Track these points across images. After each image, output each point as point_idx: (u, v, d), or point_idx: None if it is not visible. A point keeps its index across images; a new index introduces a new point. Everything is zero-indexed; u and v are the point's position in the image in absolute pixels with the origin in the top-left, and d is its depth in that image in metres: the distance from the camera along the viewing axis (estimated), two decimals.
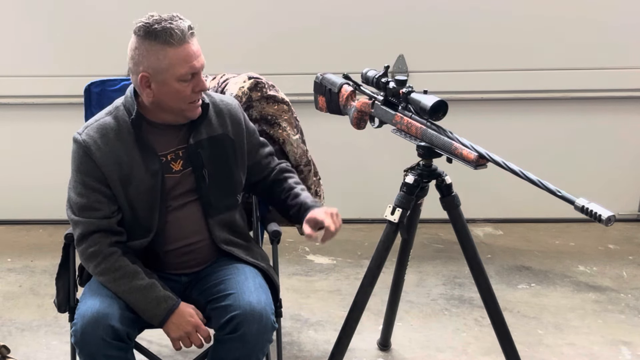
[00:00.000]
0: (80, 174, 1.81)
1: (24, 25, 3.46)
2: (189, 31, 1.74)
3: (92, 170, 1.80)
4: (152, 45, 1.72)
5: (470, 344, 2.60)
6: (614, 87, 3.52)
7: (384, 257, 2.06)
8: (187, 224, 1.89)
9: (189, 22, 1.75)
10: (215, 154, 1.89)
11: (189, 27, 1.74)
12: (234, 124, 1.93)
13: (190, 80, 1.76)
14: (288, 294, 2.91)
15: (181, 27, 1.72)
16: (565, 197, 1.60)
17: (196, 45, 1.76)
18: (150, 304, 1.77)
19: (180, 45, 1.72)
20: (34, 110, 3.58)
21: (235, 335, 1.74)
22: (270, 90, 2.23)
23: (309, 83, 2.29)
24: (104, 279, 1.80)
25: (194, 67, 1.75)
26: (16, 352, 2.43)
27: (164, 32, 1.71)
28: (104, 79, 2.29)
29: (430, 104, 1.82)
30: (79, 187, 1.81)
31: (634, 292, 2.99)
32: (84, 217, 1.81)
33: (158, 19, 1.74)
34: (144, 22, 1.75)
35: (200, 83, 1.78)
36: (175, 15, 1.76)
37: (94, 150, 1.80)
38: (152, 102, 1.79)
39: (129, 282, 1.78)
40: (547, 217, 3.68)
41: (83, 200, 1.80)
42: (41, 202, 3.69)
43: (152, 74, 1.74)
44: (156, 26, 1.72)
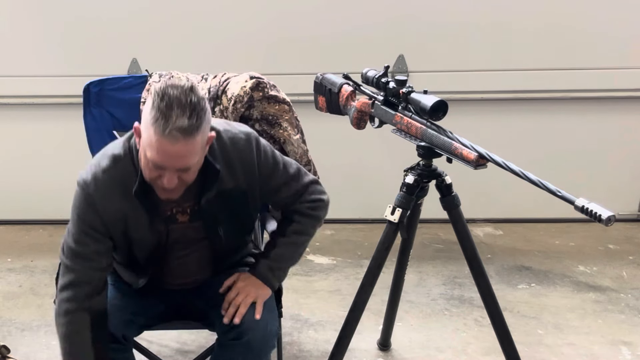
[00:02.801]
0: (81, 222, 1.71)
1: (24, 25, 3.46)
2: (182, 133, 1.51)
3: (96, 222, 1.70)
4: (152, 109, 1.53)
5: (470, 344, 2.60)
6: (614, 87, 3.51)
7: (384, 257, 2.06)
8: (190, 266, 1.87)
9: (192, 121, 1.52)
10: (226, 206, 1.77)
11: (185, 129, 1.51)
12: (247, 173, 1.76)
13: (159, 169, 1.58)
14: (288, 294, 2.90)
15: (178, 124, 1.50)
16: (565, 197, 1.60)
17: (184, 145, 1.53)
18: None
19: (163, 136, 1.51)
20: (33, 110, 3.58)
21: (239, 342, 1.75)
22: (271, 91, 2.23)
23: (309, 83, 2.29)
24: (59, 337, 1.75)
25: (162, 162, 1.56)
26: (16, 352, 2.43)
27: (160, 112, 1.51)
28: (102, 78, 2.29)
29: (430, 104, 1.82)
30: (78, 235, 1.71)
31: (634, 292, 2.99)
32: (77, 266, 1.71)
33: (170, 95, 1.52)
34: (162, 87, 1.54)
35: (166, 181, 1.58)
36: (189, 98, 1.52)
37: (99, 205, 1.69)
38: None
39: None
40: (547, 217, 3.68)
41: (80, 249, 1.71)
42: (41, 202, 3.69)
43: (141, 129, 1.58)
44: (166, 101, 1.52)
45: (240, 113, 2.21)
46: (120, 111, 2.29)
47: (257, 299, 1.80)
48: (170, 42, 3.42)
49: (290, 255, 1.89)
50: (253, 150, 1.76)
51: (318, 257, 3.33)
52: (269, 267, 1.85)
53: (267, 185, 1.81)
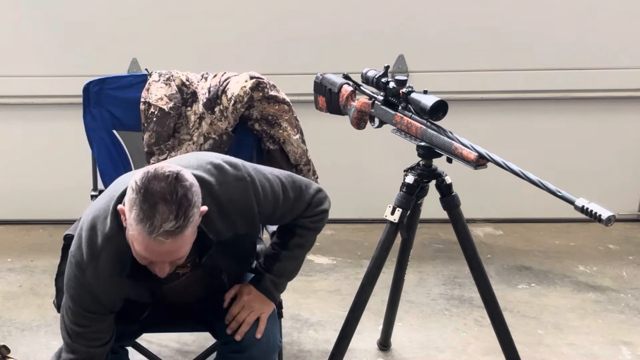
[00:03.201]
0: (78, 307, 1.64)
1: (24, 25, 3.46)
2: (166, 235, 1.42)
3: (95, 307, 1.64)
4: (136, 205, 1.43)
5: (470, 344, 2.59)
6: (614, 87, 3.51)
7: (384, 257, 2.06)
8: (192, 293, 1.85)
9: (179, 223, 1.42)
10: (227, 253, 1.72)
11: (177, 229, 1.42)
12: (246, 220, 1.69)
13: (146, 260, 1.52)
14: (288, 294, 2.89)
15: (165, 228, 1.41)
16: (565, 197, 1.60)
17: (173, 243, 1.45)
18: None
19: (150, 239, 1.43)
20: (33, 110, 3.58)
21: (240, 356, 1.75)
22: (271, 91, 2.23)
23: (309, 83, 2.29)
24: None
25: (149, 261, 1.51)
26: (16, 352, 2.42)
27: (143, 213, 1.42)
28: (102, 78, 2.28)
29: (430, 104, 1.82)
30: (77, 317, 1.65)
31: (634, 292, 2.99)
32: (79, 345, 1.66)
33: (153, 192, 1.41)
34: (144, 182, 1.43)
35: (159, 271, 1.53)
36: (175, 194, 1.42)
37: (98, 290, 1.62)
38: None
39: None
40: (547, 217, 3.68)
41: (82, 330, 1.66)
42: (41, 202, 3.69)
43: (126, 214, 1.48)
44: (142, 202, 1.42)
45: (240, 113, 2.21)
46: (120, 110, 2.28)
47: (262, 315, 1.78)
48: (170, 42, 3.42)
49: (292, 268, 1.88)
50: (251, 197, 1.67)
51: (318, 257, 3.33)
52: (273, 282, 1.83)
53: (269, 220, 1.80)
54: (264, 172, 1.73)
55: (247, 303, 1.78)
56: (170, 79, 2.28)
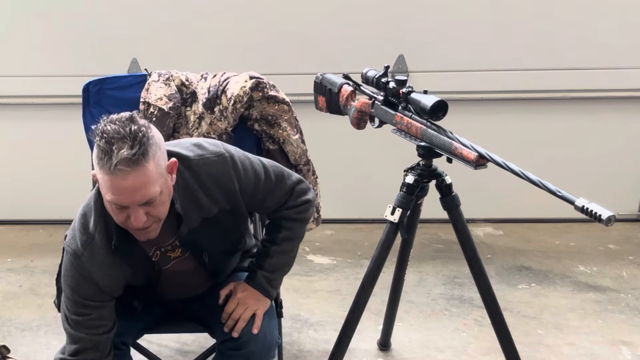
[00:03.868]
0: (77, 295, 1.65)
1: (24, 26, 3.46)
2: (131, 165, 1.45)
3: (94, 294, 1.66)
4: (96, 155, 1.48)
5: (470, 344, 2.59)
6: (614, 87, 3.51)
7: (384, 257, 2.06)
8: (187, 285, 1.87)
9: (134, 150, 1.45)
10: (214, 233, 1.73)
11: (129, 159, 1.44)
12: (228, 195, 1.70)
13: (124, 209, 1.52)
14: (288, 294, 2.90)
15: (121, 155, 1.44)
16: (565, 197, 1.60)
17: (136, 176, 1.46)
18: None
19: (112, 174, 1.45)
20: (33, 110, 3.58)
21: (238, 353, 1.75)
22: (271, 91, 2.23)
23: (309, 83, 2.29)
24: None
25: (120, 201, 1.50)
26: (16, 352, 2.42)
27: (101, 151, 1.46)
28: (102, 78, 2.28)
29: (430, 104, 1.82)
30: (77, 307, 1.66)
31: (634, 292, 2.99)
32: (82, 334, 1.67)
33: (108, 131, 1.46)
34: (100, 127, 1.49)
35: (133, 220, 1.52)
36: (128, 128, 1.47)
37: (95, 275, 1.64)
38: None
39: None
40: (547, 217, 3.68)
41: (83, 319, 1.67)
42: (41, 202, 3.69)
43: (97, 179, 1.53)
44: (99, 141, 1.46)
45: (240, 113, 2.21)
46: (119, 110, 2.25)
47: (257, 311, 1.78)
48: (170, 42, 3.42)
49: (284, 262, 1.88)
50: (230, 172, 1.69)
51: (318, 257, 3.33)
52: (266, 277, 1.83)
53: (252, 199, 1.77)
54: (245, 153, 1.76)
55: (241, 300, 1.79)
56: (170, 79, 2.28)
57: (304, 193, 1.85)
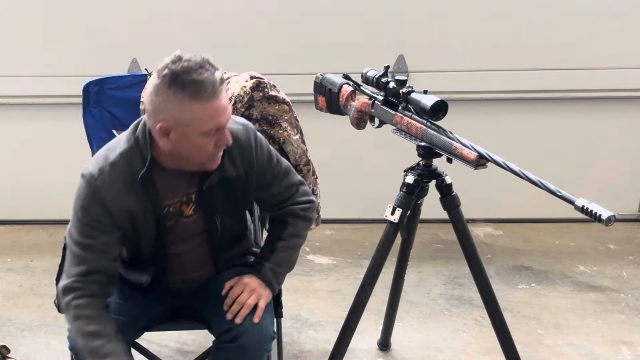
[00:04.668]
0: (87, 216, 1.68)
1: (24, 26, 3.46)
2: (220, 84, 1.57)
3: (103, 216, 1.67)
4: (176, 95, 1.54)
5: (470, 344, 2.60)
6: (614, 87, 3.51)
7: (384, 257, 2.06)
8: (193, 262, 1.87)
9: (220, 71, 1.58)
10: (227, 196, 1.79)
11: (220, 79, 1.57)
12: (245, 162, 1.78)
13: (214, 134, 1.62)
14: (288, 294, 2.90)
15: (212, 80, 1.54)
16: (565, 197, 1.60)
17: (225, 98, 1.60)
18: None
19: (209, 100, 1.55)
20: (33, 110, 3.58)
21: (234, 345, 1.74)
22: (271, 91, 2.23)
23: (309, 83, 2.29)
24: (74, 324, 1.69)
25: (220, 123, 1.61)
26: (16, 352, 2.43)
27: (193, 84, 1.53)
28: (102, 78, 2.29)
29: (430, 104, 1.82)
30: (86, 229, 1.68)
31: (634, 292, 2.99)
32: (91, 256, 1.68)
33: (187, 67, 1.54)
34: (172, 67, 1.54)
35: (224, 138, 1.64)
36: (205, 61, 1.57)
37: (107, 197, 1.66)
38: (170, 151, 1.64)
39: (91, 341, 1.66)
40: (547, 217, 3.68)
41: (90, 242, 1.68)
42: (41, 202, 3.69)
43: (172, 125, 1.58)
44: (185, 76, 1.53)
45: (240, 113, 2.21)
46: (120, 110, 2.29)
47: (260, 301, 1.80)
48: (170, 42, 3.39)
49: (289, 258, 1.90)
50: (251, 141, 1.78)
51: (318, 257, 3.33)
52: (272, 270, 1.86)
53: (262, 177, 1.82)
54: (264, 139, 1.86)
55: (247, 286, 1.81)
56: None
57: (308, 194, 1.93)
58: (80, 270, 1.68)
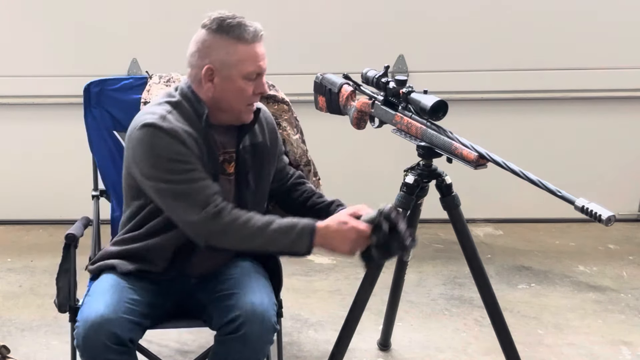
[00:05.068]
0: (176, 157, 1.70)
1: (24, 25, 3.46)
2: (260, 32, 1.74)
3: (185, 151, 1.71)
4: (223, 39, 1.73)
5: (470, 344, 2.60)
6: (614, 87, 3.52)
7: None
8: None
9: (259, 24, 1.75)
10: (255, 161, 1.89)
11: (260, 28, 1.75)
12: (271, 133, 1.95)
13: (254, 80, 1.76)
14: (288, 294, 2.90)
15: (254, 25, 1.73)
16: (565, 197, 1.60)
17: (263, 47, 1.76)
18: (292, 238, 1.72)
19: (252, 43, 1.73)
20: (33, 110, 3.58)
21: (236, 336, 1.74)
22: (270, 90, 2.23)
23: (309, 83, 2.29)
24: (243, 231, 1.72)
25: (261, 67, 1.75)
26: (16, 352, 2.43)
27: (238, 27, 1.72)
28: (103, 79, 2.29)
29: (430, 104, 1.82)
30: (178, 165, 1.70)
31: (634, 292, 2.99)
32: (200, 184, 1.71)
33: (231, 15, 1.74)
34: (216, 16, 1.75)
35: (262, 86, 1.78)
36: (243, 17, 1.76)
37: (181, 135, 1.71)
38: (212, 97, 1.76)
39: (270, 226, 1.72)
40: (547, 217, 3.68)
41: (190, 175, 1.71)
42: (41, 202, 3.69)
43: (218, 67, 1.73)
44: (230, 21, 1.72)
45: None
46: (120, 112, 2.28)
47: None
48: (170, 42, 3.40)
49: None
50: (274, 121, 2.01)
51: (318, 257, 3.33)
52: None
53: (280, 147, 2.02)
54: None
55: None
56: (170, 81, 2.29)
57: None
58: (207, 195, 1.71)
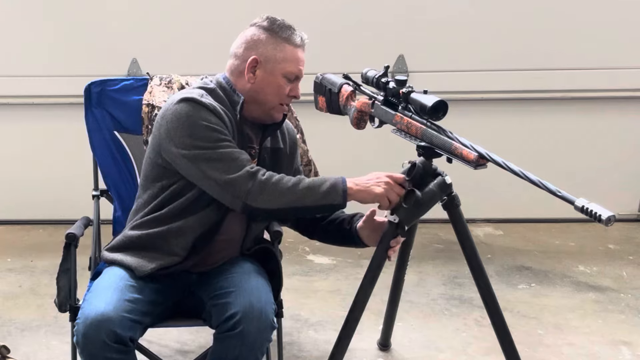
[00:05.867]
0: (212, 125, 1.77)
1: (24, 25, 3.46)
2: (306, 40, 1.91)
3: (221, 124, 1.79)
4: (273, 36, 1.88)
5: (470, 344, 2.60)
6: (614, 87, 3.52)
7: (384, 257, 2.05)
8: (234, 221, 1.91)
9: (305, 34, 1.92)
10: (273, 164, 1.95)
11: (306, 37, 1.91)
12: (291, 143, 2.05)
13: (292, 82, 1.88)
14: (288, 294, 2.90)
15: (302, 33, 1.91)
16: (565, 197, 1.60)
17: (304, 56, 1.91)
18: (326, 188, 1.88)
19: (298, 47, 1.89)
20: (34, 110, 3.59)
21: (234, 333, 1.74)
22: None
23: (309, 83, 2.29)
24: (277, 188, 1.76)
25: (301, 71, 1.89)
26: (16, 352, 2.43)
27: (289, 29, 1.90)
28: (104, 79, 2.29)
29: (430, 104, 1.82)
30: (214, 134, 1.77)
31: (634, 292, 2.99)
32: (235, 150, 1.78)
33: (282, 20, 1.92)
34: (270, 16, 1.93)
35: (297, 89, 1.90)
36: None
37: (219, 111, 1.81)
38: (250, 89, 1.87)
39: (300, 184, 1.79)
40: (547, 217, 3.68)
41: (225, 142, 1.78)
42: (41, 202, 3.69)
43: (263, 60, 1.86)
44: (282, 22, 1.91)
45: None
46: (121, 113, 2.28)
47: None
48: (170, 42, 3.42)
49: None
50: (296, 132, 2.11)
51: (318, 257, 3.33)
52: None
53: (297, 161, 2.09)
54: None
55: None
56: (171, 83, 2.29)
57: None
58: (243, 159, 1.77)
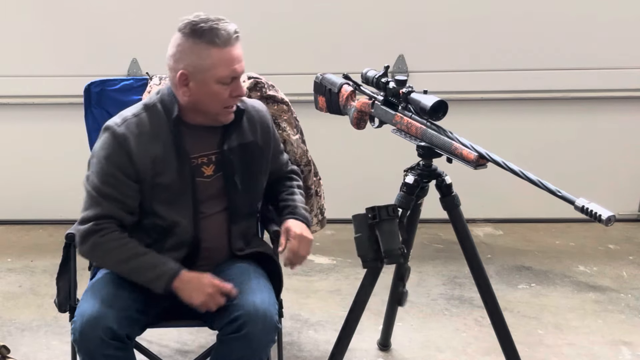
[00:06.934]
0: (109, 163, 1.76)
1: (24, 25, 3.46)
2: (235, 34, 1.73)
3: (125, 164, 1.76)
4: (196, 43, 1.73)
5: (470, 344, 2.60)
6: (614, 87, 3.51)
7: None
8: (212, 229, 1.89)
9: (235, 25, 1.74)
10: (244, 161, 1.89)
11: (235, 31, 1.74)
12: (263, 132, 1.94)
13: (230, 84, 1.76)
14: (288, 294, 2.90)
15: (228, 29, 1.72)
16: (565, 197, 1.60)
17: (239, 49, 1.75)
18: (152, 276, 1.77)
19: (225, 47, 1.72)
20: (33, 110, 3.58)
21: (238, 335, 1.74)
22: (269, 90, 2.23)
23: (309, 83, 2.29)
24: (106, 258, 1.79)
25: (235, 71, 1.75)
26: (16, 352, 2.43)
27: (210, 31, 1.71)
28: (103, 79, 2.29)
29: (430, 104, 1.82)
30: (105, 176, 1.76)
31: (634, 292, 2.99)
32: (108, 202, 1.76)
33: (205, 19, 1.73)
34: (191, 20, 1.74)
35: (239, 89, 1.78)
36: (222, 18, 1.75)
37: (132, 145, 1.76)
38: (188, 101, 1.77)
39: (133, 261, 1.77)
40: (547, 217, 3.68)
41: (109, 190, 1.76)
42: (41, 202, 3.69)
43: (191, 72, 1.74)
44: (202, 25, 1.72)
45: None
46: None
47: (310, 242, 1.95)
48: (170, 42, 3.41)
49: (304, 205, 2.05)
50: (268, 115, 1.99)
51: (318, 257, 3.33)
52: (304, 208, 2.00)
53: (276, 146, 2.01)
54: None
55: (300, 236, 1.91)
56: None
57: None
58: (98, 214, 1.77)
